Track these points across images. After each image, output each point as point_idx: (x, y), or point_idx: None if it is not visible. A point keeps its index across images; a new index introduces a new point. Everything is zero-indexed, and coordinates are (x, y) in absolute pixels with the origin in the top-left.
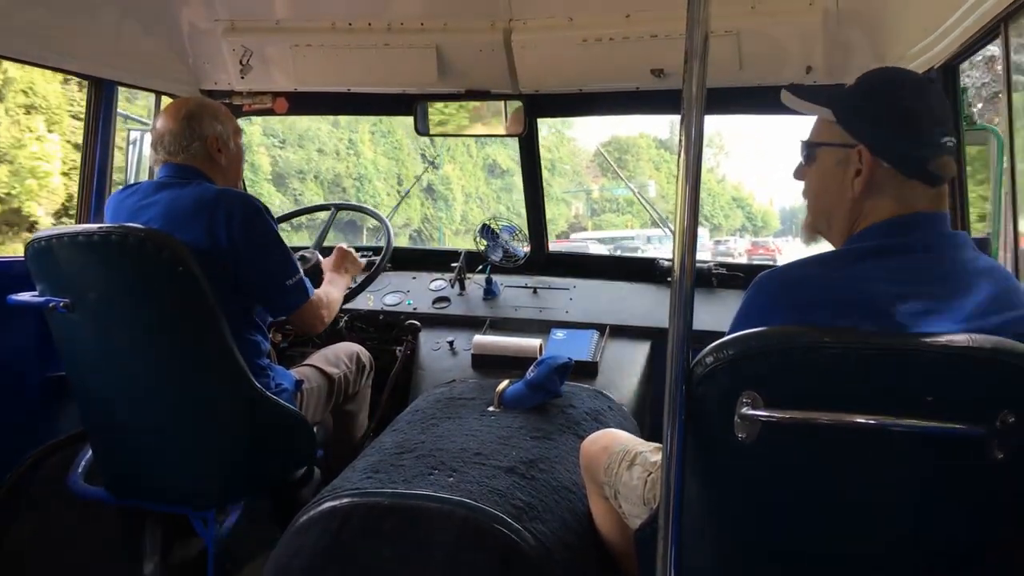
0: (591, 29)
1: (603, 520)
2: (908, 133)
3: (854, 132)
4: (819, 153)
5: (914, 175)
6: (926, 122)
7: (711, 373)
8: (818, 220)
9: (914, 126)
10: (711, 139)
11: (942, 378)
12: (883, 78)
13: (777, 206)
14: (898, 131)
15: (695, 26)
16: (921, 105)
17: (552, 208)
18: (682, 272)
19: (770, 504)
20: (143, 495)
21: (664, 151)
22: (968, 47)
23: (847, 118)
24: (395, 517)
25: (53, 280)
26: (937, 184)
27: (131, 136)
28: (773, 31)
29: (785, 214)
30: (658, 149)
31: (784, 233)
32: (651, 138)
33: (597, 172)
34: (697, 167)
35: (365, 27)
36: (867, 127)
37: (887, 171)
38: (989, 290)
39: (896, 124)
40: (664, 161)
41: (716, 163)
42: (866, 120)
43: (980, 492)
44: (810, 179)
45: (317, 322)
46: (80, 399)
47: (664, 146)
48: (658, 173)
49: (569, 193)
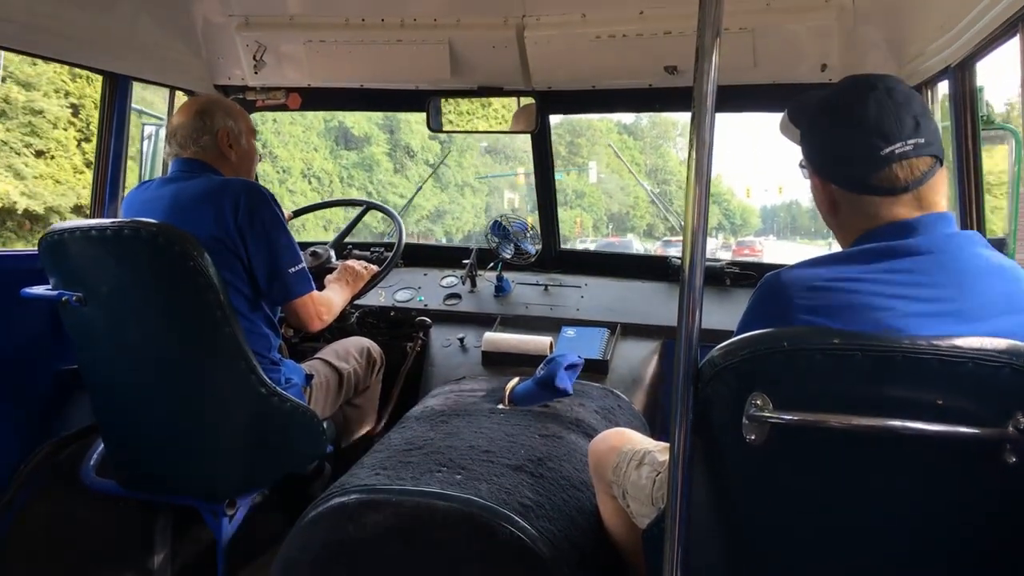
0: (604, 26)
1: (611, 519)
2: (839, 156)
3: (806, 159)
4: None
5: (865, 191)
6: (857, 139)
7: (720, 374)
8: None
9: (843, 147)
10: (686, 128)
11: (953, 381)
12: (824, 98)
13: (758, 203)
14: (830, 155)
15: (707, 24)
16: (851, 123)
17: (467, 199)
18: (691, 271)
19: (778, 506)
20: (154, 488)
21: (627, 136)
22: (984, 46)
23: (804, 147)
24: (403, 514)
25: (66, 274)
26: (899, 192)
27: (146, 131)
28: (788, 28)
29: (766, 212)
30: (620, 134)
31: (765, 232)
32: (612, 121)
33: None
34: (708, 166)
35: (378, 23)
36: (812, 155)
37: (841, 192)
38: (1001, 289)
39: (827, 148)
40: (626, 147)
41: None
42: (811, 148)
43: (992, 496)
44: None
45: (314, 318)
46: (92, 392)
47: (628, 131)
48: (619, 162)
49: (485, 179)
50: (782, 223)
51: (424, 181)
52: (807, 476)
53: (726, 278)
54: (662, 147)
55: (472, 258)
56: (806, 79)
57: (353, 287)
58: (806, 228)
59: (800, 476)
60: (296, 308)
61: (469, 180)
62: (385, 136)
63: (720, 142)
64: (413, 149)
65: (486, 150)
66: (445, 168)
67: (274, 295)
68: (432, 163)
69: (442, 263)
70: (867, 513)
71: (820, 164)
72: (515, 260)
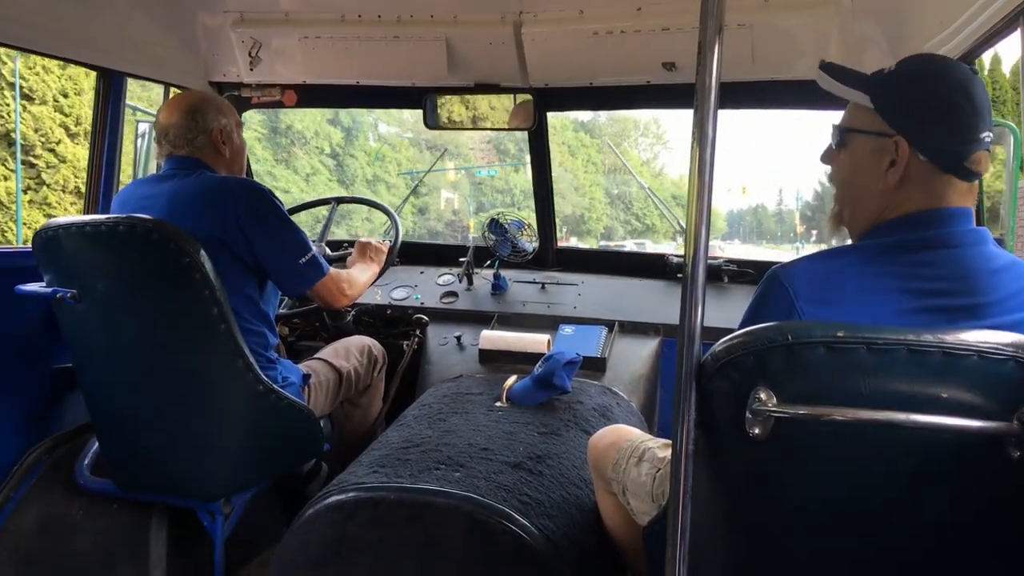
0: (602, 22)
1: (611, 516)
2: (949, 127)
3: (892, 121)
4: (852, 140)
5: (950, 170)
6: (968, 116)
7: (723, 368)
8: (844, 208)
9: (955, 120)
10: (647, 127)
11: (958, 375)
12: (926, 66)
13: (723, 206)
14: (939, 124)
15: (709, 18)
16: (964, 98)
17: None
18: (694, 267)
19: (782, 501)
20: (149, 487)
21: (583, 134)
22: (984, 41)
23: (886, 106)
24: (401, 512)
25: (60, 270)
26: (971, 180)
27: (140, 128)
28: (787, 24)
29: (732, 216)
30: (576, 132)
31: (731, 236)
32: (566, 118)
33: (492, 154)
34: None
35: (374, 19)
36: (907, 117)
37: (923, 164)
38: (1011, 286)
39: (937, 117)
40: (582, 146)
41: (653, 154)
42: (906, 110)
43: (996, 490)
44: (840, 166)
45: (340, 295)
46: (86, 390)
47: (584, 128)
48: (573, 160)
49: (408, 176)
50: (748, 227)
51: (419, 180)
52: (810, 470)
53: (724, 275)
54: (621, 146)
55: (469, 256)
56: (804, 75)
57: (378, 261)
58: (772, 232)
59: (803, 470)
60: (318, 292)
61: (385, 176)
62: (260, 117)
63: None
64: (304, 136)
65: (412, 142)
66: (351, 159)
67: (293, 287)
68: (332, 152)
69: (439, 261)
70: (870, 507)
71: (918, 128)
72: (512, 258)
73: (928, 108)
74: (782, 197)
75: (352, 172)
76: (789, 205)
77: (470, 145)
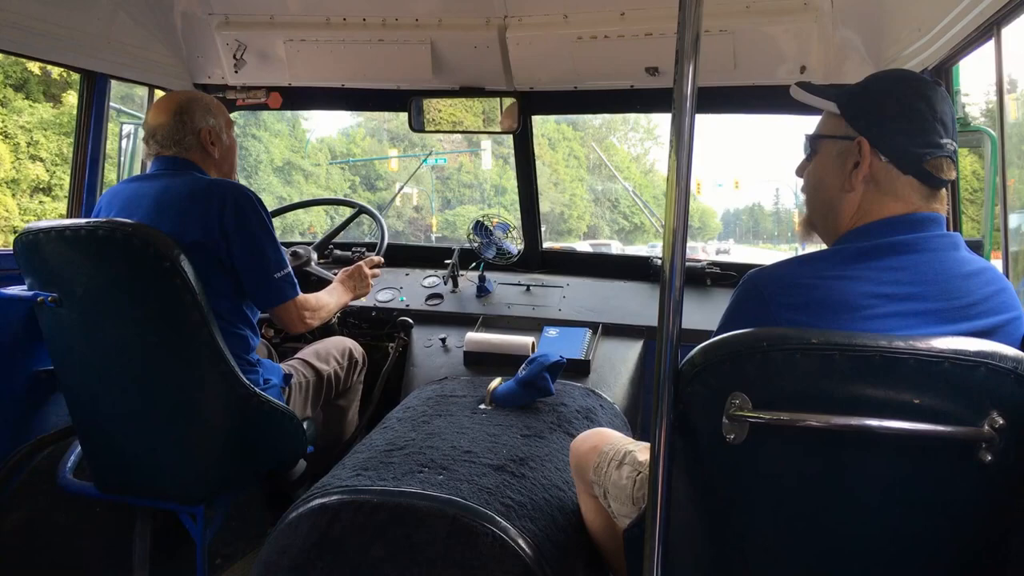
0: (586, 27)
1: (593, 519)
2: (906, 127)
3: (855, 124)
4: (821, 145)
5: (910, 171)
6: (927, 121)
7: (700, 374)
8: (814, 214)
9: (913, 122)
10: (636, 120)
11: (930, 381)
12: (889, 76)
13: (715, 202)
14: (896, 124)
15: (686, 26)
16: (924, 104)
17: (304, 189)
18: (672, 271)
19: (758, 505)
20: (131, 490)
21: (566, 126)
22: (961, 49)
23: (850, 111)
24: (384, 515)
25: (41, 274)
26: (934, 185)
27: (124, 130)
28: (768, 31)
29: (728, 216)
30: (558, 123)
31: (726, 236)
32: None
33: (462, 144)
34: (688, 167)
35: (360, 22)
36: (868, 120)
37: (884, 166)
38: (981, 292)
39: (895, 118)
40: (564, 139)
41: (644, 149)
42: (868, 113)
43: (969, 494)
44: (811, 172)
45: (298, 322)
46: (68, 393)
47: (566, 119)
48: (553, 153)
49: (343, 163)
50: (744, 227)
51: (412, 174)
52: (786, 475)
53: (707, 278)
54: (608, 140)
55: (454, 258)
56: (785, 81)
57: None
58: (769, 232)
59: (779, 475)
60: (279, 312)
61: (302, 163)
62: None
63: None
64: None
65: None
66: (255, 142)
67: (259, 300)
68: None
69: (424, 263)
70: (845, 511)
71: (878, 129)
72: (497, 260)
73: (887, 110)
74: (779, 197)
75: (254, 156)
76: (787, 205)
77: (438, 136)
